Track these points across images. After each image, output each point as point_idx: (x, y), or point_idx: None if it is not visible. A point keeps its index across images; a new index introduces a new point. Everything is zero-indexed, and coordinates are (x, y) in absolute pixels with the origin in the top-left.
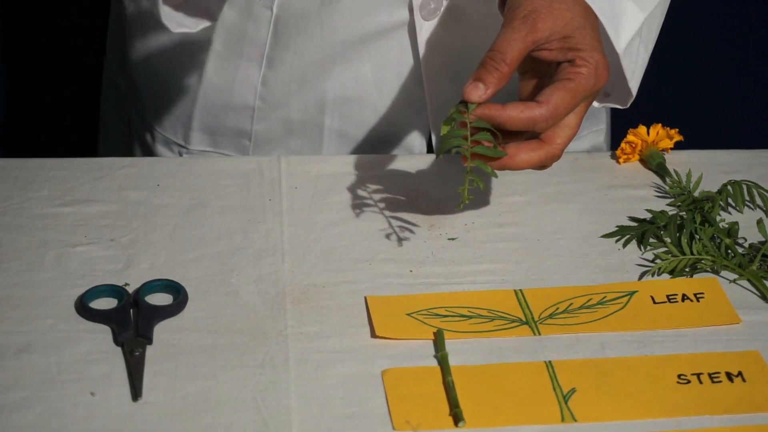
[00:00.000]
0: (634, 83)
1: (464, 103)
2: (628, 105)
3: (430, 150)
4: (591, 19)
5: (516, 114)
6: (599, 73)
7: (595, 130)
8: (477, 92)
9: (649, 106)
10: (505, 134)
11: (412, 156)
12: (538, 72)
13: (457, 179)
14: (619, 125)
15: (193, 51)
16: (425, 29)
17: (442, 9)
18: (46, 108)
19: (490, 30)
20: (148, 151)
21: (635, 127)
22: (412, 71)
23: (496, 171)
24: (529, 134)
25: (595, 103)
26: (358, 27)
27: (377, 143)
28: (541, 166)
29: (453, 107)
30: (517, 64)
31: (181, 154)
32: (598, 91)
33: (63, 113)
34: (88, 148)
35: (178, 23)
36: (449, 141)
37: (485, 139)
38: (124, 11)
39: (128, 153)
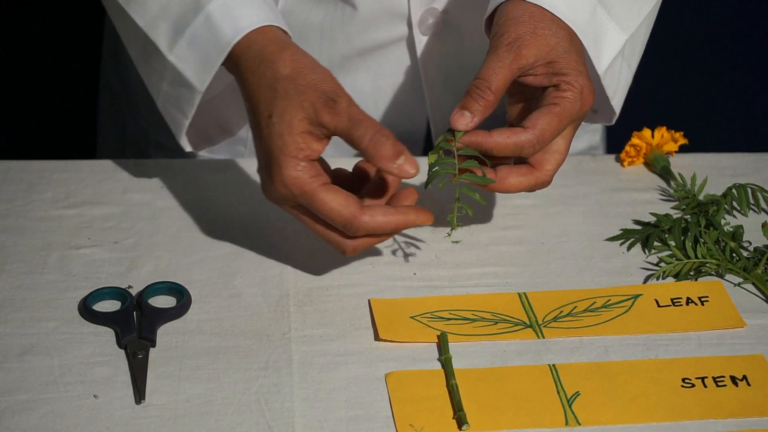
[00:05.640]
0: (616, 101)
1: (451, 131)
2: (614, 122)
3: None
4: (576, 43)
5: (503, 140)
6: (584, 96)
7: (591, 130)
8: (463, 120)
9: (653, 108)
10: (493, 158)
11: (417, 159)
12: (524, 95)
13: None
14: (621, 126)
15: None
16: (424, 43)
17: (440, 24)
18: (46, 111)
19: (487, 40)
20: (142, 156)
21: (637, 127)
22: (409, 82)
23: (486, 194)
24: (517, 157)
25: (584, 122)
26: (358, 41)
27: None
28: (530, 190)
29: (440, 135)
30: (503, 91)
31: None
32: (585, 114)
33: (62, 117)
34: (87, 152)
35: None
36: (437, 171)
37: (473, 166)
38: None
39: (123, 157)
